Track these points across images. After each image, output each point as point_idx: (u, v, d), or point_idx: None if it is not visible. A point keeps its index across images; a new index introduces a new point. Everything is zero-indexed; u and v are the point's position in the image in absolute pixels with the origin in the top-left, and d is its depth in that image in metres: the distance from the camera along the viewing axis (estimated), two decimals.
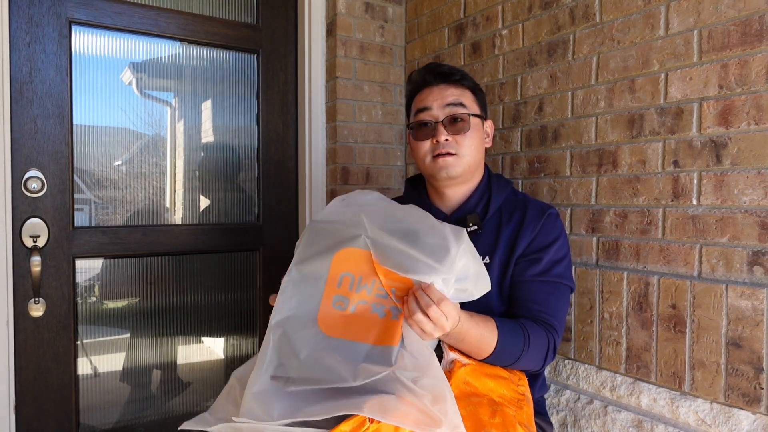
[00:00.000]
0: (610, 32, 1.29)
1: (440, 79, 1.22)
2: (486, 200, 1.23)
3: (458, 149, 1.18)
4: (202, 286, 1.91)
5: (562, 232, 1.19)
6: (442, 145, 1.18)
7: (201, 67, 1.90)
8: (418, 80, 1.26)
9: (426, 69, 1.25)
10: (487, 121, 1.28)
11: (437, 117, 1.19)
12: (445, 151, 1.18)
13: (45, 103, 1.58)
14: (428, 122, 1.20)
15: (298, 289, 0.97)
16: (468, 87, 1.24)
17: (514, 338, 1.04)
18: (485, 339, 1.01)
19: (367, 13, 1.96)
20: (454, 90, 1.21)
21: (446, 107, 1.19)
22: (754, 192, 1.03)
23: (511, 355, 1.04)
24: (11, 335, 1.53)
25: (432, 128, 1.20)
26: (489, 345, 1.01)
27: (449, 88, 1.21)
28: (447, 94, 1.20)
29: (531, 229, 1.16)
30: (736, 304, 1.03)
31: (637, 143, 1.24)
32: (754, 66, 1.03)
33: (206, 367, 1.97)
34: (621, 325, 1.24)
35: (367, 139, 1.97)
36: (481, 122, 1.24)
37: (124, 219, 1.79)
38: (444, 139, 1.18)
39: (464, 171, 1.20)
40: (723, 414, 1.06)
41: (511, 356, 1.04)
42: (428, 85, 1.23)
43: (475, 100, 1.24)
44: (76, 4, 1.62)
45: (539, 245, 1.15)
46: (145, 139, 1.84)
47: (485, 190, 1.25)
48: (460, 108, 1.19)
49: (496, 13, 1.62)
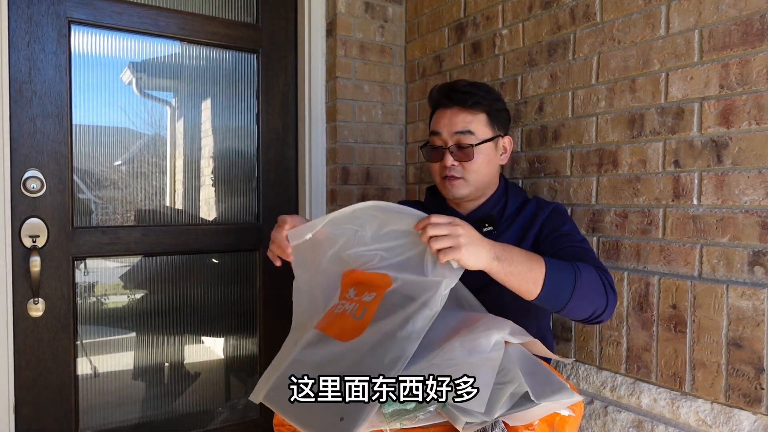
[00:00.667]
0: (610, 32, 1.29)
1: (454, 103, 1.25)
2: (503, 204, 1.29)
3: (464, 174, 1.23)
4: (202, 286, 1.90)
5: (570, 220, 1.23)
6: (449, 169, 1.23)
7: (201, 67, 1.90)
8: (435, 100, 1.30)
9: (442, 90, 1.28)
10: (504, 138, 1.30)
11: (446, 142, 1.24)
12: (451, 175, 1.23)
13: (44, 103, 1.58)
14: (438, 147, 1.26)
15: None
16: (482, 110, 1.25)
17: (564, 269, 1.00)
18: (534, 265, 0.97)
19: (367, 12, 1.96)
20: (465, 116, 1.23)
21: (455, 135, 1.23)
22: (755, 192, 1.02)
23: (564, 286, 0.99)
24: (11, 335, 1.53)
25: (441, 153, 1.25)
26: (538, 273, 0.97)
27: (461, 113, 1.24)
28: (457, 121, 1.23)
29: (539, 220, 1.22)
30: (737, 304, 1.03)
31: (637, 143, 1.23)
32: (755, 66, 1.03)
33: (206, 367, 1.97)
34: (621, 325, 1.24)
35: (367, 139, 1.96)
36: (493, 143, 1.26)
37: (124, 219, 1.78)
38: (450, 164, 1.23)
39: (471, 192, 1.25)
40: (723, 414, 1.05)
41: (565, 288, 0.99)
42: (443, 107, 1.27)
43: (488, 123, 1.25)
44: (75, 4, 1.62)
45: (552, 228, 1.19)
46: (145, 138, 1.84)
47: (502, 195, 1.30)
48: (468, 136, 1.22)
49: (496, 12, 1.62)
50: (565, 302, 0.99)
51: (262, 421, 1.96)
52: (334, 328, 1.02)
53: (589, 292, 1.01)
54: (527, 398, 0.89)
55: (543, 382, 0.91)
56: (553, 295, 0.99)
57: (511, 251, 0.97)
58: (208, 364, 1.98)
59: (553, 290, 0.98)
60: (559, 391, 0.89)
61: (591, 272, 1.03)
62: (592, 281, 1.02)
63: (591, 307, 1.03)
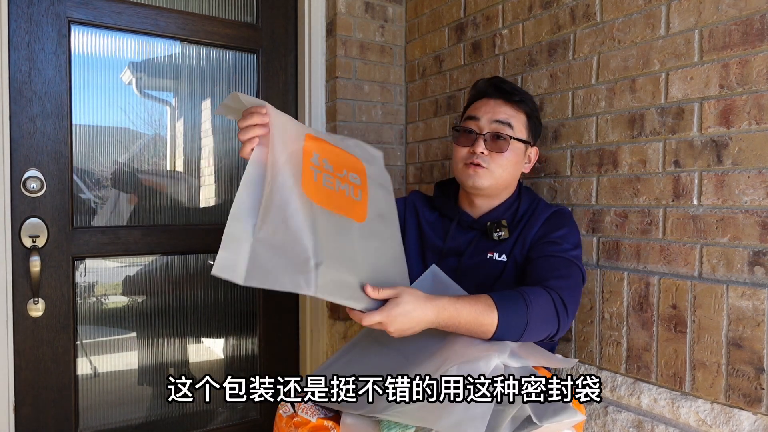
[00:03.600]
0: (610, 32, 1.29)
1: (499, 95, 1.25)
2: (514, 209, 1.27)
3: (490, 164, 1.21)
4: (202, 286, 1.90)
5: (571, 225, 1.21)
6: (477, 156, 1.21)
7: (201, 67, 1.89)
8: (480, 89, 1.30)
9: (490, 81, 1.29)
10: (533, 148, 1.30)
11: (482, 129, 1.22)
12: (477, 162, 1.21)
13: (44, 103, 1.58)
14: (472, 131, 1.24)
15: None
16: (524, 111, 1.25)
17: (514, 309, 1.00)
18: (484, 315, 0.97)
19: (367, 12, 1.96)
20: (508, 109, 1.24)
21: (493, 123, 1.22)
22: (755, 192, 1.02)
23: (516, 326, 0.99)
24: (10, 335, 1.53)
25: (473, 137, 1.23)
26: (490, 321, 0.97)
27: (504, 105, 1.24)
28: (499, 111, 1.23)
29: (539, 222, 1.21)
30: (737, 304, 1.03)
31: (637, 143, 1.23)
32: (755, 65, 1.03)
33: (206, 367, 1.97)
34: (621, 325, 1.24)
35: (367, 139, 1.96)
36: (524, 147, 1.26)
37: (123, 219, 1.78)
38: (480, 151, 1.20)
39: (491, 186, 1.23)
40: (724, 414, 1.05)
41: (517, 327, 0.99)
42: (487, 96, 1.27)
43: (526, 125, 1.26)
44: (75, 4, 1.62)
45: (546, 232, 1.19)
46: (145, 138, 1.84)
47: (515, 200, 1.29)
48: (507, 128, 1.22)
49: (496, 12, 1.62)
50: (517, 338, 1.01)
51: (262, 421, 1.96)
52: (344, 207, 1.03)
53: (541, 323, 1.03)
54: (530, 421, 0.88)
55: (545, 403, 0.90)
56: (505, 335, 1.00)
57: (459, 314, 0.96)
58: (208, 364, 1.98)
59: (505, 333, 0.99)
60: (562, 411, 0.88)
61: (541, 303, 1.03)
62: (544, 312, 1.03)
63: (543, 333, 1.04)
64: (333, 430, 0.97)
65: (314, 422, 0.99)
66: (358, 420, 0.95)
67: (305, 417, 1.00)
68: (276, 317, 1.99)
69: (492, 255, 1.21)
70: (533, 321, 1.00)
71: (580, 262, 1.16)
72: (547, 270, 1.10)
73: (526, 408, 0.87)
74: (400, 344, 1.06)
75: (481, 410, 0.83)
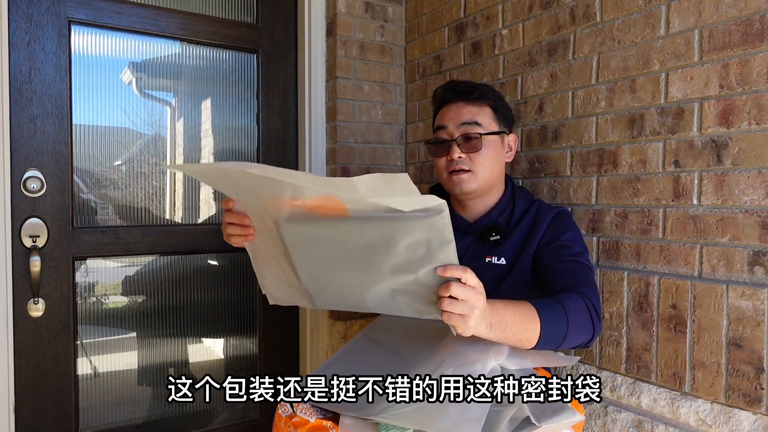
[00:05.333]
0: (610, 32, 1.29)
1: (458, 97, 1.26)
2: (510, 211, 1.27)
3: (472, 166, 1.21)
4: (202, 286, 1.90)
5: (573, 226, 1.22)
6: (456, 162, 1.22)
7: (201, 67, 1.90)
8: (439, 97, 1.30)
9: (446, 87, 1.30)
10: (509, 135, 1.30)
11: (452, 135, 1.23)
12: (459, 168, 1.21)
13: (44, 103, 1.58)
14: (444, 140, 1.25)
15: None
16: (487, 104, 1.26)
17: (556, 320, 0.98)
18: (528, 324, 0.93)
19: (367, 12, 1.96)
20: (471, 108, 1.24)
21: (461, 126, 1.22)
22: (755, 192, 1.02)
23: (556, 336, 0.97)
24: (11, 335, 1.53)
25: (447, 146, 1.24)
26: (532, 332, 0.94)
27: (466, 106, 1.24)
28: (463, 113, 1.23)
29: (541, 226, 1.20)
30: (737, 304, 1.03)
31: (637, 143, 1.23)
32: (755, 66, 1.03)
33: (206, 367, 1.97)
34: (621, 325, 1.24)
35: (367, 139, 1.96)
36: (500, 138, 1.26)
37: (124, 219, 1.78)
38: (457, 156, 1.21)
39: (479, 186, 1.23)
40: (723, 414, 1.05)
41: (557, 337, 0.97)
42: (448, 102, 1.27)
43: (494, 117, 1.26)
44: (75, 4, 1.62)
45: (551, 236, 1.18)
46: (145, 138, 1.84)
47: (509, 201, 1.28)
48: (475, 127, 1.22)
49: (496, 12, 1.62)
50: (557, 346, 1.00)
51: (262, 421, 1.96)
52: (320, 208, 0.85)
53: (579, 330, 1.02)
54: (528, 422, 0.88)
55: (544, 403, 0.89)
56: (546, 345, 0.98)
57: (505, 315, 0.90)
58: (209, 363, 1.98)
59: (547, 343, 0.98)
60: (561, 412, 0.88)
61: (580, 309, 1.02)
62: (581, 319, 1.02)
63: (579, 340, 1.04)
64: (332, 430, 0.97)
65: (313, 422, 0.99)
66: (357, 421, 0.95)
67: (304, 417, 1.00)
68: (276, 317, 1.99)
69: (491, 259, 1.22)
70: (572, 329, 0.99)
71: (587, 260, 1.17)
72: (572, 276, 1.10)
73: (525, 409, 0.87)
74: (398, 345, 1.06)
75: (476, 412, 0.83)
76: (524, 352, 1.00)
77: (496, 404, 0.87)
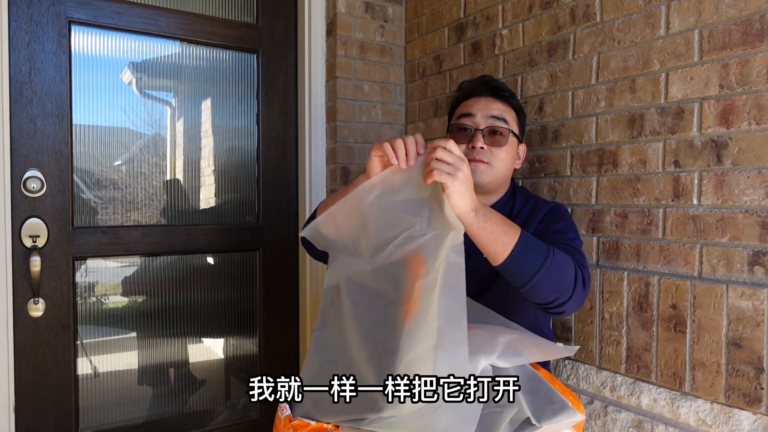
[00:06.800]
0: (610, 32, 1.29)
1: (490, 92, 1.26)
2: (509, 209, 1.27)
3: (491, 159, 1.21)
4: (202, 286, 1.90)
5: (567, 219, 1.21)
6: (477, 151, 1.21)
7: (201, 67, 1.90)
8: (468, 89, 1.30)
9: (479, 80, 1.31)
10: (521, 145, 1.31)
11: (479, 125, 1.23)
12: (478, 158, 1.20)
13: (44, 103, 1.58)
14: (468, 127, 1.24)
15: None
16: (513, 107, 1.27)
17: (538, 245, 0.97)
18: (509, 229, 0.95)
19: (367, 12, 1.96)
20: (500, 105, 1.25)
21: (489, 118, 1.23)
22: (755, 192, 1.02)
23: (532, 262, 0.95)
24: (11, 335, 1.53)
25: (470, 134, 1.23)
26: (511, 238, 0.94)
27: (496, 102, 1.25)
28: (493, 107, 1.24)
29: (536, 219, 1.21)
30: (737, 304, 1.03)
31: (637, 143, 1.23)
32: (755, 66, 1.03)
33: (206, 367, 1.97)
34: (621, 325, 1.24)
35: (367, 139, 1.96)
36: (516, 142, 1.27)
37: (124, 219, 1.78)
38: (480, 146, 1.21)
39: (491, 181, 1.23)
40: (723, 414, 1.05)
41: (533, 263, 0.95)
42: (477, 95, 1.28)
43: (516, 120, 1.27)
44: (75, 4, 1.62)
45: (547, 225, 1.18)
46: (145, 139, 1.84)
47: (509, 200, 1.29)
48: (503, 123, 1.23)
49: (496, 12, 1.62)
50: (530, 277, 0.96)
51: (262, 421, 1.96)
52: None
53: (557, 276, 0.97)
54: (529, 422, 0.87)
55: (544, 402, 0.88)
56: (519, 266, 0.95)
57: (491, 210, 0.95)
58: (209, 364, 1.98)
59: (521, 260, 0.95)
60: (561, 411, 0.87)
61: (567, 260, 1.00)
62: (564, 267, 0.99)
63: (555, 291, 0.99)
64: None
65: (313, 425, 0.99)
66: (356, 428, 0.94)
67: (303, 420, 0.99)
68: (276, 317, 1.99)
69: None
70: (550, 268, 0.96)
71: (583, 253, 1.16)
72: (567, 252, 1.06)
73: (525, 409, 0.87)
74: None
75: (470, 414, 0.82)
76: (522, 345, 0.97)
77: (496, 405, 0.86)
